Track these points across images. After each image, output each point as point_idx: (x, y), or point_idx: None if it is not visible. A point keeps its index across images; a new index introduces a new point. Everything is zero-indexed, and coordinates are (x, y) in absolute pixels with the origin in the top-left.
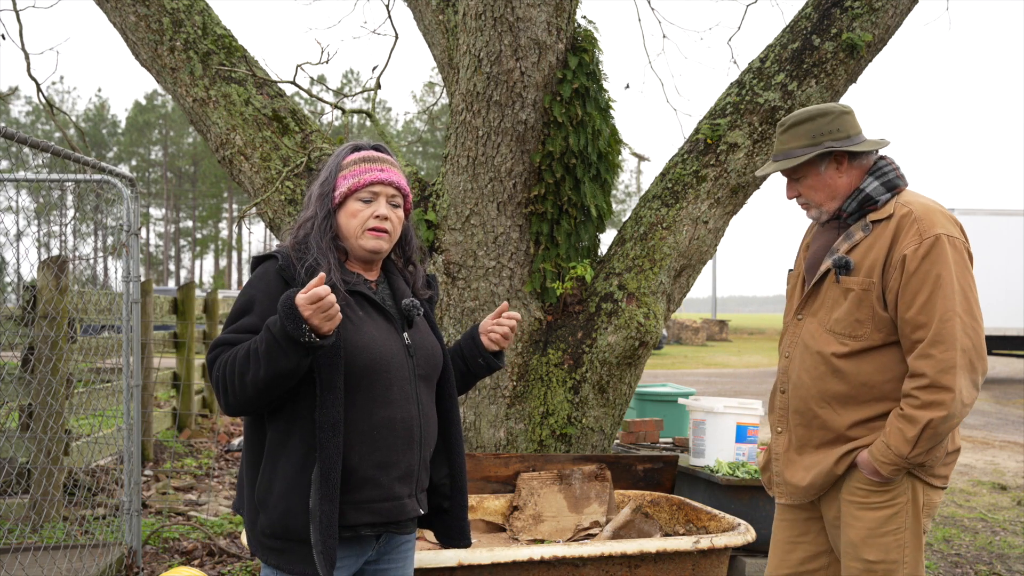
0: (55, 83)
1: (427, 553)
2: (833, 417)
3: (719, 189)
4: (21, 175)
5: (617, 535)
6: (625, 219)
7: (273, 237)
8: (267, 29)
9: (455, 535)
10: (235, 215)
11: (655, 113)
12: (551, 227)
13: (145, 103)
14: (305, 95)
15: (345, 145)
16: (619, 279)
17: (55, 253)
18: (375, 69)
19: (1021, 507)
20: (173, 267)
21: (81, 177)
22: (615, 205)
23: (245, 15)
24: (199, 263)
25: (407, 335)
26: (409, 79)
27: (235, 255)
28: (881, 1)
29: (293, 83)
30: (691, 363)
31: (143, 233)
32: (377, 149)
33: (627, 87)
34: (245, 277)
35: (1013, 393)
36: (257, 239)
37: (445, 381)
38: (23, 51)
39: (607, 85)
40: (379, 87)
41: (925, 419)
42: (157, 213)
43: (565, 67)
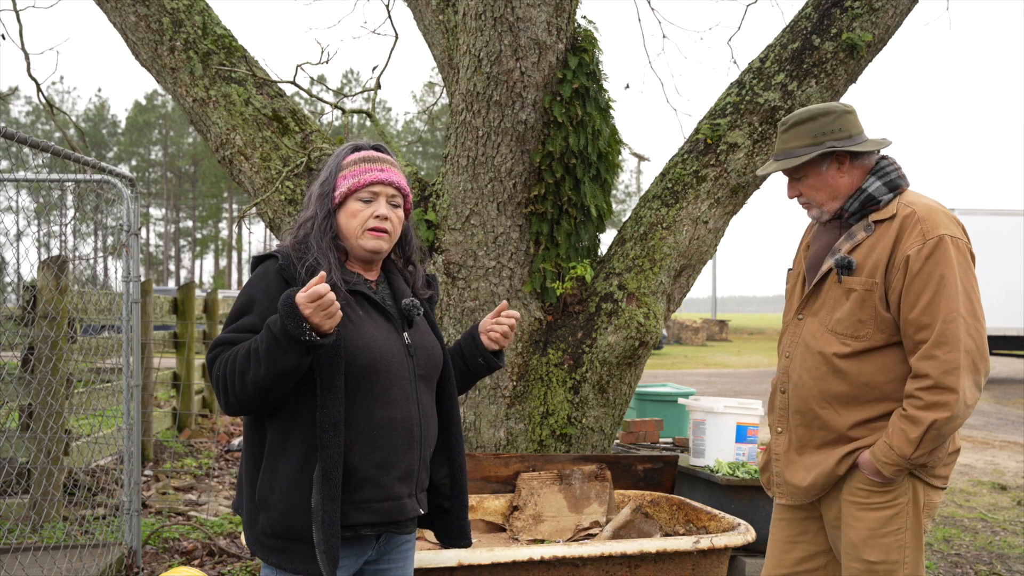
0: (55, 83)
1: (427, 553)
2: (834, 417)
3: (719, 189)
4: (21, 175)
5: (617, 535)
6: (625, 219)
7: (273, 237)
8: (267, 29)
9: (455, 535)
10: (235, 215)
11: (655, 113)
12: (551, 227)
13: (145, 103)
14: (305, 95)
15: (345, 145)
16: (619, 279)
17: (55, 253)
18: (375, 69)
19: (1021, 507)
20: (173, 267)
21: (81, 177)
22: (615, 205)
23: (245, 15)
24: (199, 263)
25: (407, 335)
26: (409, 79)
27: (235, 255)
28: (881, 1)
29: (293, 83)
30: (691, 363)
31: (143, 233)
32: (377, 149)
33: (627, 87)
34: (245, 277)
35: (1013, 393)
36: (257, 239)
37: (445, 381)
38: (23, 51)
39: (607, 85)
40: (379, 87)
41: (929, 420)
42: (157, 213)
43: (565, 67)
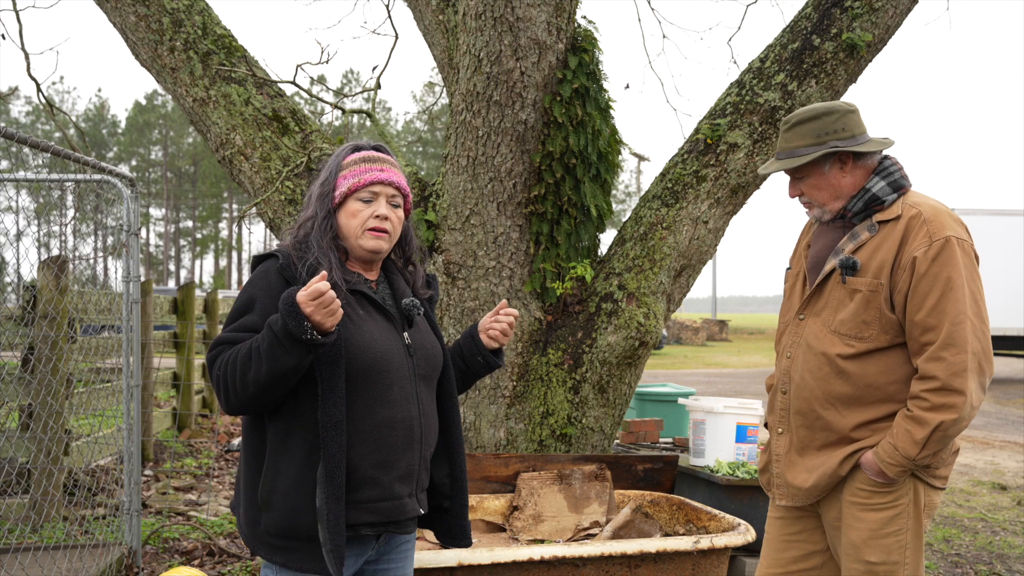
0: (55, 83)
1: (427, 553)
2: (837, 418)
3: (719, 189)
4: (21, 175)
5: (617, 535)
6: (625, 219)
7: (273, 237)
8: (267, 29)
9: (455, 535)
10: (235, 215)
11: (655, 113)
12: (551, 227)
13: (145, 103)
14: (305, 95)
15: (345, 145)
16: (619, 279)
17: (55, 253)
18: (375, 69)
19: (1021, 507)
20: (173, 267)
21: (81, 177)
22: (615, 205)
23: (245, 15)
24: (199, 263)
25: (407, 335)
26: (409, 79)
27: (235, 255)
28: (881, 1)
29: (293, 83)
30: (691, 363)
31: (143, 233)
32: (377, 149)
33: (627, 87)
34: (245, 277)
35: (1013, 393)
36: (257, 239)
37: (445, 381)
38: (23, 51)
39: (607, 85)
40: (379, 87)
41: (936, 421)
42: (157, 213)
43: (565, 67)
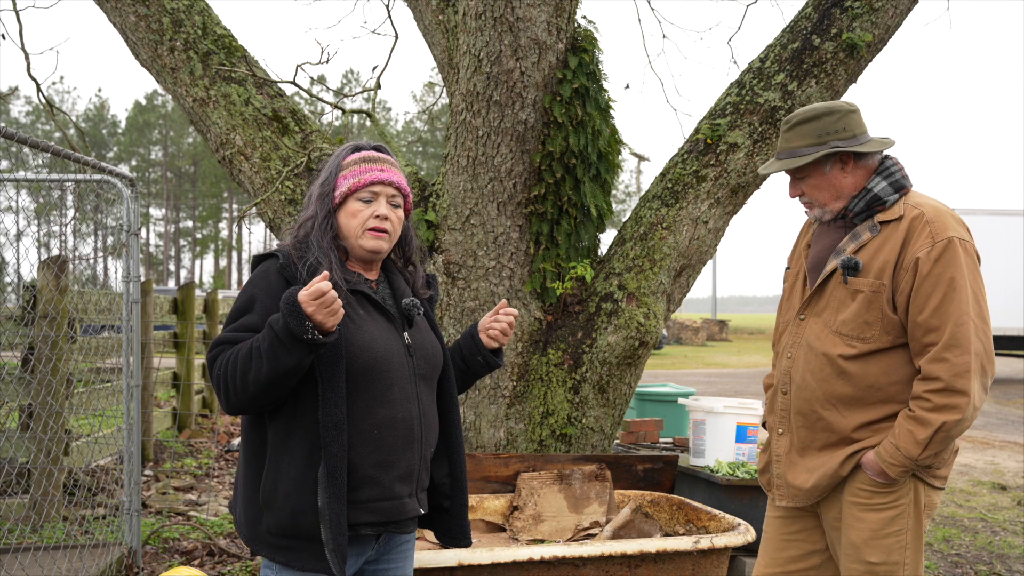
0: (55, 83)
1: (427, 553)
2: (838, 419)
3: (719, 189)
4: (21, 175)
5: (617, 535)
6: (625, 219)
7: (273, 237)
8: (267, 29)
9: (455, 535)
10: (235, 215)
11: (655, 113)
12: (551, 227)
13: (145, 103)
14: (305, 95)
15: (345, 145)
16: (619, 279)
17: (55, 253)
18: (375, 69)
19: (1021, 507)
20: (173, 267)
21: (81, 177)
22: (615, 205)
23: (245, 15)
24: (199, 263)
25: (407, 335)
26: (409, 79)
27: (235, 255)
28: (881, 1)
29: (293, 83)
30: (691, 363)
31: (143, 233)
32: (377, 149)
33: (627, 87)
34: (245, 277)
35: (1013, 393)
36: (257, 239)
37: (445, 381)
38: (23, 51)
39: (607, 85)
40: (379, 87)
41: (938, 422)
42: (157, 213)
43: (565, 67)
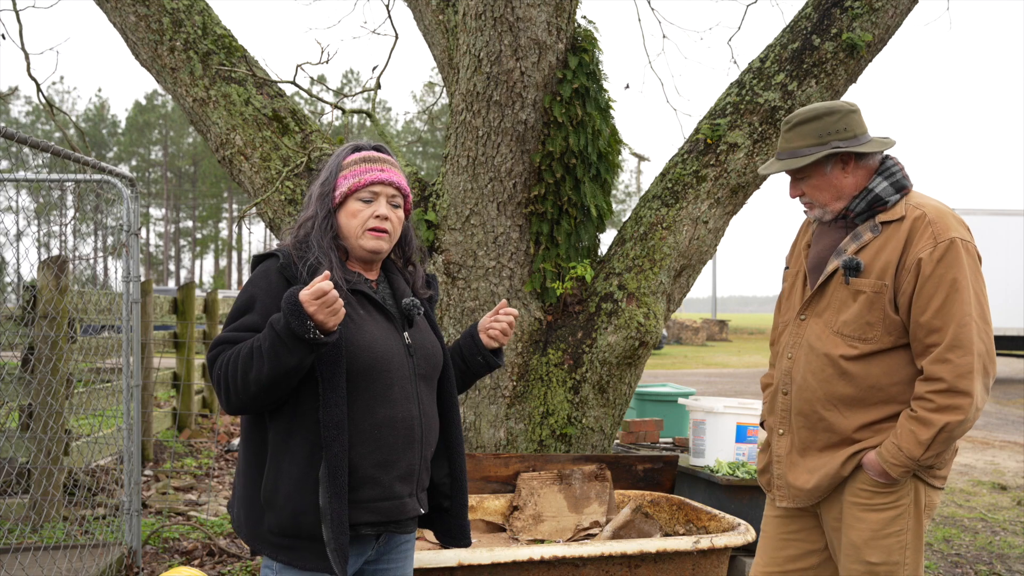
0: (55, 83)
1: (427, 553)
2: (839, 420)
3: (719, 189)
4: (21, 175)
5: (617, 535)
6: (625, 219)
7: (273, 237)
8: (267, 29)
9: (455, 535)
10: (235, 215)
11: (655, 113)
12: (551, 227)
13: (145, 103)
14: (305, 95)
15: (346, 145)
16: (619, 279)
17: (55, 253)
18: (375, 69)
19: (1021, 507)
20: (173, 267)
21: (81, 177)
22: (615, 205)
23: (245, 15)
24: (199, 263)
25: (407, 334)
26: (409, 79)
27: (235, 255)
28: (881, 1)
29: (293, 83)
30: (691, 363)
31: (143, 233)
32: (377, 149)
33: (627, 87)
34: (245, 277)
35: (1013, 393)
36: (257, 239)
37: (445, 380)
38: (23, 51)
39: (607, 85)
40: (379, 87)
41: (941, 423)
42: (157, 213)
43: (565, 67)
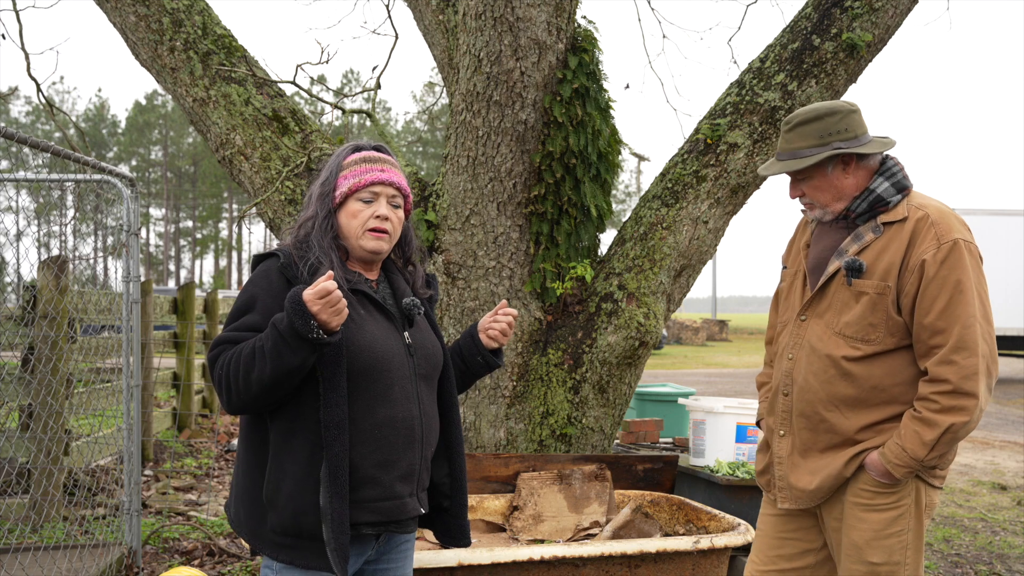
0: (55, 83)
1: (427, 553)
2: (841, 421)
3: (719, 189)
4: (21, 175)
5: (617, 535)
6: (625, 219)
7: (273, 237)
8: (267, 29)
9: (455, 535)
10: (235, 215)
11: (655, 113)
12: (551, 227)
13: (145, 103)
14: (305, 95)
15: (346, 145)
16: (619, 279)
17: (55, 253)
18: (375, 69)
19: (1021, 507)
20: (173, 267)
21: (81, 177)
22: (615, 205)
23: (245, 15)
24: (199, 263)
25: (408, 334)
26: (409, 79)
27: (235, 255)
28: (881, 1)
29: (293, 83)
30: (691, 363)
31: (143, 233)
32: (378, 149)
33: (627, 87)
34: (245, 277)
35: (1013, 393)
36: (257, 239)
37: (446, 380)
38: (23, 51)
39: (607, 85)
40: (379, 87)
41: (946, 423)
42: (157, 213)
43: (565, 67)
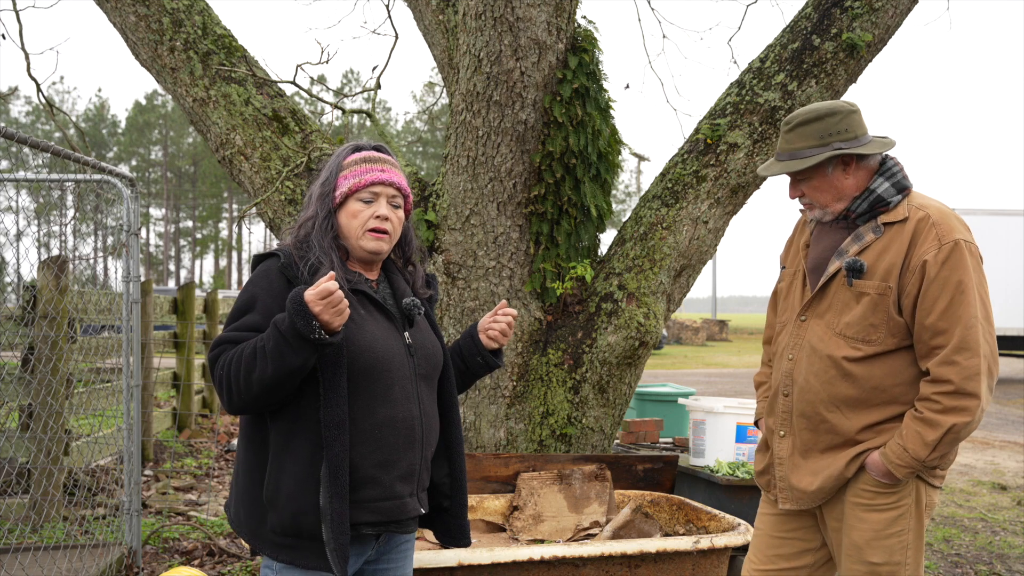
0: (55, 83)
1: (427, 553)
2: (842, 421)
3: (719, 189)
4: (21, 175)
5: (617, 535)
6: (625, 219)
7: (273, 237)
8: (267, 29)
9: (455, 535)
10: (235, 215)
11: (655, 113)
12: (551, 227)
13: (145, 103)
14: (305, 95)
15: (346, 145)
16: (619, 279)
17: (55, 253)
18: (375, 69)
19: (1021, 507)
20: (173, 267)
21: (81, 177)
22: (615, 205)
23: (245, 15)
24: (199, 263)
25: (408, 334)
26: (409, 79)
27: (235, 255)
28: (881, 1)
29: (293, 83)
30: (691, 363)
31: (143, 233)
32: (378, 149)
33: (627, 87)
34: (245, 277)
35: (1013, 393)
36: (257, 239)
37: (446, 380)
38: (23, 51)
39: (607, 85)
40: (379, 87)
41: (948, 424)
42: (157, 213)
43: (565, 67)
